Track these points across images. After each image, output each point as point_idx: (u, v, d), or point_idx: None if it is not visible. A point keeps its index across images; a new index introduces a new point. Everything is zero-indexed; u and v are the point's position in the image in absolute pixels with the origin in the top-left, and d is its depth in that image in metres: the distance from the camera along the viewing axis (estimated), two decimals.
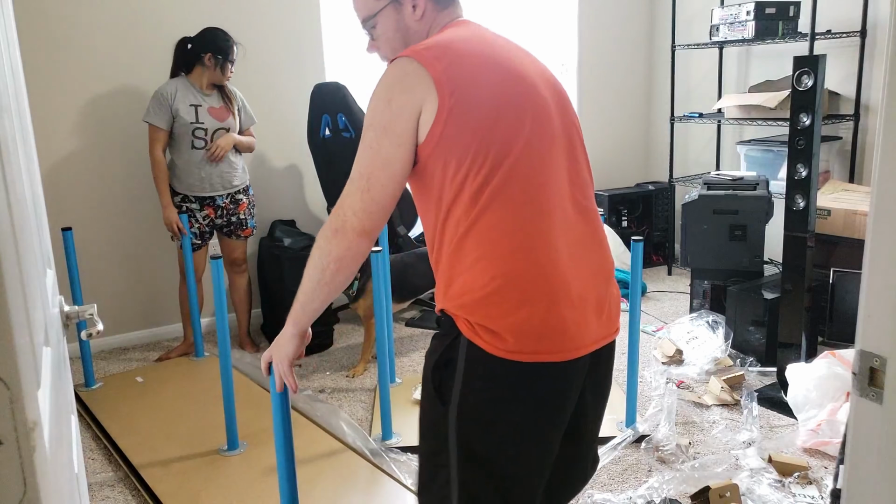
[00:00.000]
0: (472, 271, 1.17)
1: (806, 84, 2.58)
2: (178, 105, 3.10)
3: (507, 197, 1.15)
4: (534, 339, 1.16)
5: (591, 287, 1.23)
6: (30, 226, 0.96)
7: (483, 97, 1.15)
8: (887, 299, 0.78)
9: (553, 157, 1.20)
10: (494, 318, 1.15)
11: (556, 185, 1.20)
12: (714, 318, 3.29)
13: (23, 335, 0.66)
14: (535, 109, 1.19)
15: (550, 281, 1.16)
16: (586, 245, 1.24)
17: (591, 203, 1.28)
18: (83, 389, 3.03)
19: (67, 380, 1.24)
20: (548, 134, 1.20)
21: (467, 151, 1.14)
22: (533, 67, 1.25)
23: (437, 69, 1.13)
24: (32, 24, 3.17)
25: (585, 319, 1.21)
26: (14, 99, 1.00)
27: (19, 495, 0.61)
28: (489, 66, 1.18)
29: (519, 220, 1.15)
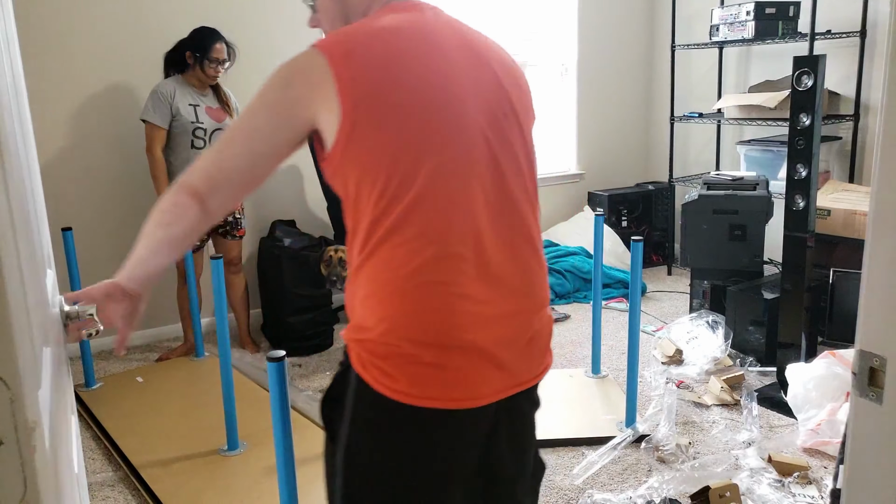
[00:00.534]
0: (364, 307, 1.07)
1: (806, 84, 2.58)
2: (179, 104, 3.10)
3: (404, 235, 1.02)
4: (423, 382, 1.04)
5: (505, 332, 1.09)
6: (30, 226, 0.96)
7: (392, 115, 1.01)
8: (887, 299, 0.78)
9: (469, 191, 1.05)
10: (385, 357, 1.04)
11: (471, 224, 1.05)
12: (714, 318, 3.29)
13: (23, 335, 0.66)
14: (452, 138, 1.04)
15: (446, 326, 1.03)
16: (508, 287, 1.10)
17: (525, 239, 1.12)
18: (83, 389, 3.03)
19: (67, 380, 1.24)
20: (465, 166, 1.05)
21: (367, 175, 1.02)
22: (469, 77, 1.09)
23: (342, 76, 1.00)
24: (32, 23, 3.17)
25: (491, 367, 1.07)
26: (14, 98, 1.00)
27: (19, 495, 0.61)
28: (405, 80, 1.02)
29: (415, 262, 1.02)
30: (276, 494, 2.21)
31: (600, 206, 4.56)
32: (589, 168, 4.85)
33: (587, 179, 4.84)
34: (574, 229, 4.54)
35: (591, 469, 2.34)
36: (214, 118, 3.17)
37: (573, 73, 4.69)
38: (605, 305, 3.92)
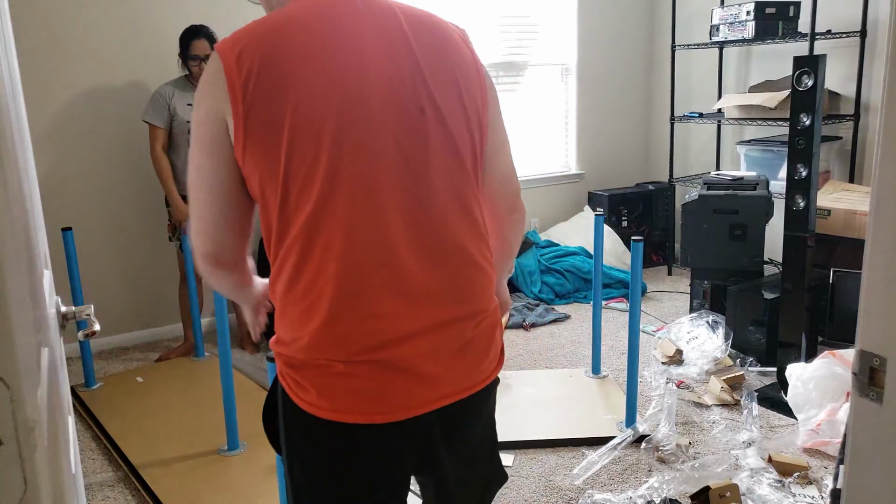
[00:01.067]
0: (279, 322, 1.05)
1: (806, 84, 2.58)
2: (176, 104, 3.11)
3: (308, 251, 0.97)
4: (339, 397, 1.00)
5: (428, 344, 1.02)
6: (28, 226, 0.96)
7: (285, 122, 0.94)
8: (887, 299, 0.78)
9: (377, 201, 0.98)
10: (298, 369, 1.02)
11: (377, 235, 0.98)
12: (714, 317, 3.29)
13: (23, 335, 0.66)
14: (356, 139, 0.97)
15: (360, 341, 0.99)
16: (432, 295, 1.02)
17: (451, 242, 1.03)
18: (83, 389, 3.03)
19: (64, 380, 1.24)
20: (371, 168, 0.97)
21: (267, 184, 0.98)
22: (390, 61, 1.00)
23: (234, 81, 0.95)
24: (30, 22, 3.17)
25: (413, 380, 1.02)
26: (11, 99, 1.00)
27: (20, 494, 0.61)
28: (307, 77, 0.95)
29: (321, 280, 0.97)
30: (276, 494, 2.21)
31: (600, 206, 4.56)
32: (589, 168, 4.85)
33: (587, 179, 4.84)
34: (574, 229, 4.54)
35: (591, 469, 2.34)
36: None
37: (573, 74, 4.69)
38: (606, 305, 3.92)
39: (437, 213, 1.02)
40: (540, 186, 4.67)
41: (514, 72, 4.54)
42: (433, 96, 1.02)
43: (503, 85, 4.53)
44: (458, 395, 1.07)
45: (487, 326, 1.09)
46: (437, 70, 1.04)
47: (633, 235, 2.60)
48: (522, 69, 4.57)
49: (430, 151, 1.02)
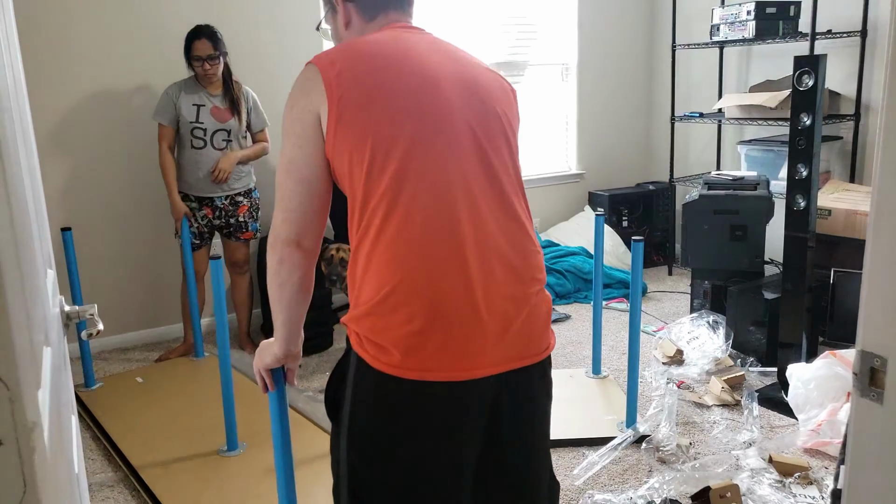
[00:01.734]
0: (363, 281, 1.12)
1: (806, 84, 2.58)
2: (181, 103, 3.11)
3: (395, 205, 1.09)
4: (419, 355, 1.07)
5: (498, 303, 1.11)
6: (30, 226, 0.96)
7: (374, 102, 1.11)
8: (888, 299, 0.78)
9: (456, 165, 1.12)
10: (379, 331, 1.09)
11: (459, 194, 1.12)
12: (715, 318, 3.29)
13: (23, 335, 0.66)
14: (433, 113, 1.13)
15: (440, 292, 1.07)
16: (500, 258, 1.13)
17: (512, 215, 1.17)
18: (83, 390, 3.03)
19: (68, 380, 1.24)
20: (448, 139, 1.13)
21: (356, 153, 1.11)
22: (448, 71, 1.18)
23: (329, 74, 1.12)
24: (34, 22, 3.17)
25: (485, 338, 1.10)
26: (14, 99, 1.00)
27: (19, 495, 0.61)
28: (385, 69, 1.13)
29: (408, 230, 1.08)
30: (275, 495, 2.20)
31: (601, 206, 4.56)
32: (589, 168, 4.85)
33: (587, 179, 4.84)
34: (574, 229, 4.54)
35: (591, 469, 2.34)
36: (218, 118, 3.16)
37: (573, 73, 4.69)
38: (606, 306, 3.92)
39: (503, 190, 1.17)
40: (540, 186, 4.67)
41: (514, 71, 4.54)
42: (494, 105, 1.20)
43: None
44: (519, 361, 1.15)
45: (545, 297, 1.20)
46: (492, 85, 1.23)
47: (633, 235, 2.60)
48: (523, 69, 4.57)
49: (497, 146, 1.18)
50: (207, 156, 3.15)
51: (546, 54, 4.61)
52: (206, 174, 3.17)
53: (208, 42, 3.06)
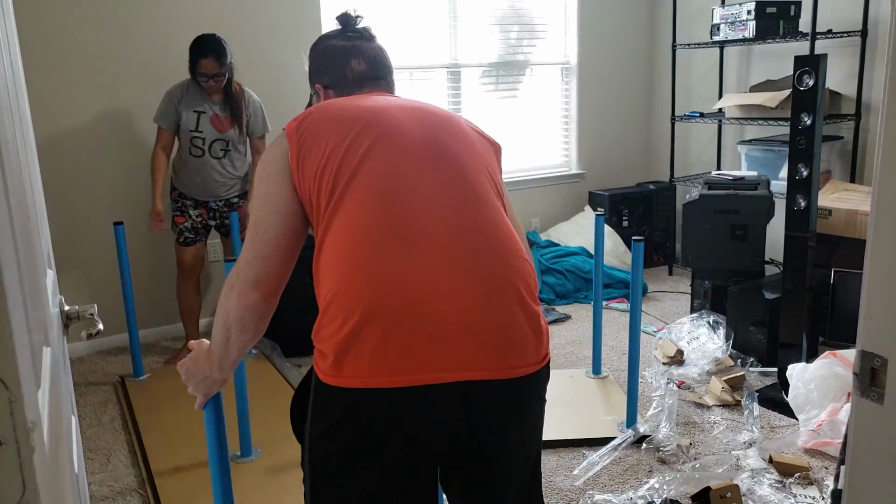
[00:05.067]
0: (319, 294, 1.12)
1: (807, 84, 2.58)
2: (183, 109, 3.10)
3: (344, 211, 1.12)
4: (352, 359, 1.03)
5: (456, 307, 1.04)
6: (29, 225, 0.96)
7: (327, 132, 1.17)
8: (888, 299, 0.78)
9: (410, 170, 1.14)
10: (325, 339, 1.07)
11: (416, 198, 1.12)
12: (715, 318, 3.29)
13: (23, 335, 0.66)
14: (381, 128, 1.17)
15: (379, 291, 1.04)
16: (469, 263, 1.08)
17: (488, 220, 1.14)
18: (131, 379, 3.11)
19: (68, 380, 1.24)
20: (400, 147, 1.16)
21: (315, 176, 1.15)
22: (407, 108, 1.23)
23: (291, 126, 1.20)
24: (34, 22, 3.17)
25: (435, 342, 1.02)
26: (14, 98, 1.00)
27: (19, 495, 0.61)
28: (339, 110, 1.21)
29: (352, 231, 1.09)
30: (287, 501, 2.19)
31: (601, 206, 4.56)
32: (589, 168, 4.84)
33: (588, 179, 4.84)
34: (575, 229, 4.54)
35: (591, 470, 2.34)
36: (217, 128, 3.15)
37: (574, 73, 4.69)
38: (606, 306, 3.92)
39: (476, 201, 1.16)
40: (540, 186, 4.67)
41: (514, 71, 4.54)
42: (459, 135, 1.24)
43: (504, 84, 4.53)
44: (492, 372, 1.05)
45: (529, 315, 1.11)
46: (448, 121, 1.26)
47: (633, 235, 2.60)
48: (523, 68, 4.57)
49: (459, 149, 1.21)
50: (205, 163, 3.16)
51: (546, 54, 4.61)
52: (202, 180, 3.18)
53: (215, 61, 3.02)
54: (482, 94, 4.43)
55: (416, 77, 4.15)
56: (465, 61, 4.34)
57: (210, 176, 3.18)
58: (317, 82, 1.39)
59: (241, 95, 3.18)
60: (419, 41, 4.13)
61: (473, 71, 4.38)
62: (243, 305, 1.14)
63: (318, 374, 1.08)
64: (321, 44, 1.40)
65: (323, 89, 1.38)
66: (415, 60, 4.11)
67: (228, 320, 1.15)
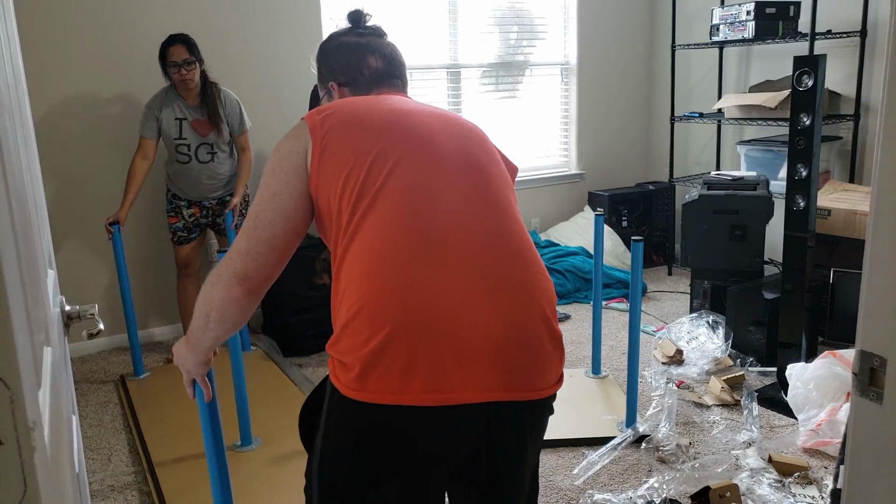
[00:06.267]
0: (339, 304, 1.08)
1: (806, 84, 2.58)
2: (163, 118, 3.11)
3: (372, 222, 1.08)
4: (379, 375, 1.00)
5: (483, 326, 1.02)
6: (30, 225, 0.96)
7: (354, 134, 1.14)
8: (887, 299, 0.78)
9: (439, 182, 1.11)
10: (347, 351, 1.03)
11: (444, 211, 1.09)
12: (714, 318, 3.29)
13: (23, 335, 0.66)
14: (411, 136, 1.14)
15: (409, 308, 1.01)
16: (494, 279, 1.06)
17: (512, 235, 1.12)
18: (131, 378, 3.11)
19: (68, 380, 1.24)
20: (430, 158, 1.13)
21: (339, 183, 1.11)
22: (428, 112, 1.21)
23: (314, 120, 1.16)
24: (35, 24, 3.17)
25: (462, 362, 1.01)
26: (15, 98, 1.00)
27: (19, 495, 0.61)
28: (368, 110, 1.18)
29: (382, 244, 1.05)
30: (288, 488, 2.20)
31: (600, 206, 4.56)
32: (589, 168, 4.85)
33: (587, 179, 4.84)
34: (574, 229, 4.54)
35: (591, 469, 2.34)
36: (200, 132, 3.15)
37: (573, 73, 4.69)
38: (606, 305, 3.92)
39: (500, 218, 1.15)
40: (540, 186, 4.67)
41: (514, 71, 4.54)
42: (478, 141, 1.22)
43: (503, 85, 4.53)
44: (517, 394, 1.05)
45: (549, 334, 1.10)
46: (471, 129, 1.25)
47: (633, 235, 2.60)
48: (523, 69, 4.57)
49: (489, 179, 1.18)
50: (193, 168, 3.18)
51: (546, 54, 4.61)
52: (192, 184, 3.20)
53: (183, 47, 3.02)
54: (482, 94, 4.44)
55: (415, 77, 4.15)
56: (465, 61, 4.34)
57: (199, 180, 3.20)
58: (330, 80, 1.34)
59: (217, 96, 3.16)
60: (419, 41, 4.13)
61: (473, 71, 4.38)
62: (226, 298, 1.12)
63: (339, 386, 1.04)
64: (333, 41, 1.35)
65: (338, 87, 1.33)
66: (415, 60, 4.12)
67: (209, 308, 1.14)
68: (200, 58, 3.10)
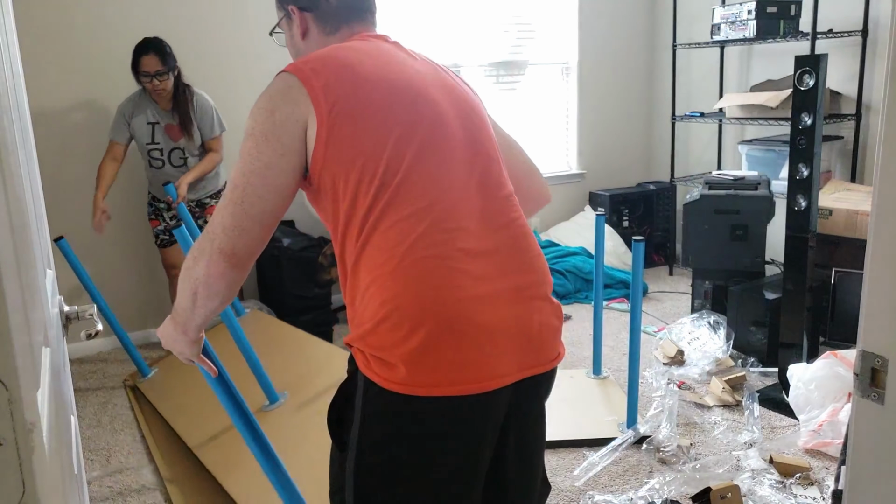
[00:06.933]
0: (365, 298, 1.06)
1: (807, 83, 2.58)
2: (135, 123, 3.10)
3: (396, 215, 1.05)
4: (429, 370, 1.02)
5: (508, 310, 1.08)
6: (28, 225, 0.96)
7: (366, 112, 1.07)
8: (889, 299, 0.78)
9: (454, 171, 1.10)
10: (386, 348, 1.03)
11: (458, 199, 1.09)
12: (715, 318, 3.28)
13: (22, 336, 0.66)
14: (427, 121, 1.10)
15: (447, 303, 1.03)
16: (505, 263, 1.10)
17: (512, 218, 1.15)
18: (141, 380, 3.08)
19: (67, 380, 1.24)
20: (445, 146, 1.10)
21: (353, 169, 1.05)
22: (430, 77, 1.16)
23: (314, 85, 1.06)
24: (32, 28, 3.17)
25: (497, 347, 1.05)
26: (14, 99, 1.00)
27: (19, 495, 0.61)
28: (373, 79, 1.09)
29: (409, 240, 1.04)
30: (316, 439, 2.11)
31: (601, 206, 4.55)
32: (590, 168, 4.84)
33: (588, 179, 4.84)
34: (575, 229, 4.54)
35: (592, 470, 2.34)
36: (172, 137, 3.15)
37: (574, 73, 4.69)
38: (607, 306, 3.92)
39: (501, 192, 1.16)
40: None
41: (514, 71, 4.54)
42: (478, 114, 1.20)
43: (503, 84, 4.53)
44: (535, 368, 1.12)
45: (548, 306, 1.15)
46: (469, 95, 1.23)
47: (634, 235, 2.60)
48: (523, 68, 4.56)
49: (488, 152, 1.17)
50: (167, 172, 3.19)
51: (546, 54, 4.61)
52: (168, 187, 3.17)
53: (156, 57, 2.97)
54: (482, 94, 4.43)
55: None
56: (465, 61, 4.34)
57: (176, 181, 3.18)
58: (290, 3, 1.22)
59: (190, 101, 3.12)
60: (419, 41, 4.13)
61: (473, 71, 4.38)
62: (212, 273, 1.07)
63: (379, 381, 1.03)
64: None
65: (299, 12, 1.21)
66: None
67: (195, 285, 1.08)
68: (173, 65, 3.05)
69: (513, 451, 1.16)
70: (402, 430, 1.05)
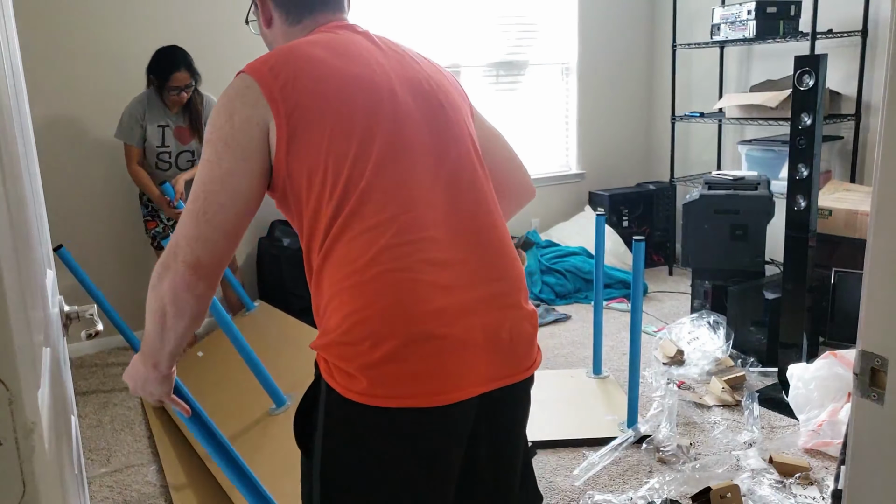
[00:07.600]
0: (329, 310, 1.04)
1: (807, 83, 2.58)
2: (148, 124, 3.09)
3: (359, 226, 1.01)
4: (390, 383, 0.99)
5: (476, 320, 1.04)
6: (29, 225, 0.96)
7: (326, 116, 1.03)
8: (889, 299, 0.78)
9: (418, 176, 1.05)
10: (348, 359, 1.00)
11: (424, 207, 1.04)
12: (715, 318, 3.28)
13: (22, 336, 0.66)
14: (389, 124, 1.05)
15: (410, 317, 1.00)
16: (474, 273, 1.06)
17: (484, 224, 1.10)
18: None
19: (67, 380, 1.24)
20: (409, 150, 1.06)
21: (315, 175, 1.02)
22: (396, 73, 1.11)
23: (271, 86, 1.02)
24: (31, 31, 3.17)
25: (462, 358, 1.02)
26: (14, 98, 1.00)
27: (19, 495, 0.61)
28: (335, 79, 1.05)
29: (372, 252, 1.00)
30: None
31: (601, 206, 4.56)
32: (590, 168, 4.84)
33: (588, 179, 4.84)
34: (575, 229, 4.54)
35: (591, 470, 2.34)
36: (181, 140, 3.15)
37: (574, 73, 4.69)
38: (607, 306, 3.92)
39: (475, 197, 1.11)
40: (540, 186, 4.66)
41: (514, 71, 4.54)
42: (439, 93, 1.14)
43: (503, 84, 4.53)
44: (508, 378, 1.08)
45: (528, 312, 1.12)
46: (436, 75, 1.17)
47: (634, 235, 2.60)
48: (522, 68, 4.56)
49: (462, 150, 1.12)
50: (172, 176, 3.18)
51: (546, 54, 4.61)
52: None
53: (187, 72, 3.01)
54: (482, 94, 4.43)
55: None
56: (465, 61, 4.34)
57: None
58: None
59: (200, 102, 3.14)
60: (419, 41, 4.13)
61: (473, 71, 4.38)
62: (178, 286, 1.02)
63: (341, 390, 1.02)
64: None
65: (261, 0, 1.19)
66: None
67: (162, 304, 1.04)
68: (199, 76, 3.08)
69: (485, 462, 1.13)
70: (362, 440, 1.03)
